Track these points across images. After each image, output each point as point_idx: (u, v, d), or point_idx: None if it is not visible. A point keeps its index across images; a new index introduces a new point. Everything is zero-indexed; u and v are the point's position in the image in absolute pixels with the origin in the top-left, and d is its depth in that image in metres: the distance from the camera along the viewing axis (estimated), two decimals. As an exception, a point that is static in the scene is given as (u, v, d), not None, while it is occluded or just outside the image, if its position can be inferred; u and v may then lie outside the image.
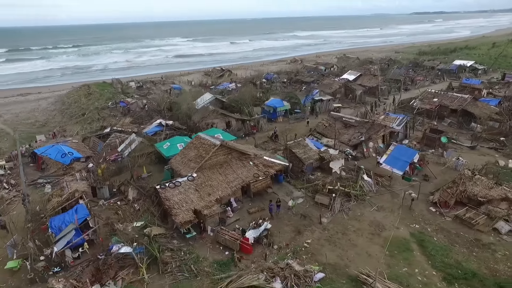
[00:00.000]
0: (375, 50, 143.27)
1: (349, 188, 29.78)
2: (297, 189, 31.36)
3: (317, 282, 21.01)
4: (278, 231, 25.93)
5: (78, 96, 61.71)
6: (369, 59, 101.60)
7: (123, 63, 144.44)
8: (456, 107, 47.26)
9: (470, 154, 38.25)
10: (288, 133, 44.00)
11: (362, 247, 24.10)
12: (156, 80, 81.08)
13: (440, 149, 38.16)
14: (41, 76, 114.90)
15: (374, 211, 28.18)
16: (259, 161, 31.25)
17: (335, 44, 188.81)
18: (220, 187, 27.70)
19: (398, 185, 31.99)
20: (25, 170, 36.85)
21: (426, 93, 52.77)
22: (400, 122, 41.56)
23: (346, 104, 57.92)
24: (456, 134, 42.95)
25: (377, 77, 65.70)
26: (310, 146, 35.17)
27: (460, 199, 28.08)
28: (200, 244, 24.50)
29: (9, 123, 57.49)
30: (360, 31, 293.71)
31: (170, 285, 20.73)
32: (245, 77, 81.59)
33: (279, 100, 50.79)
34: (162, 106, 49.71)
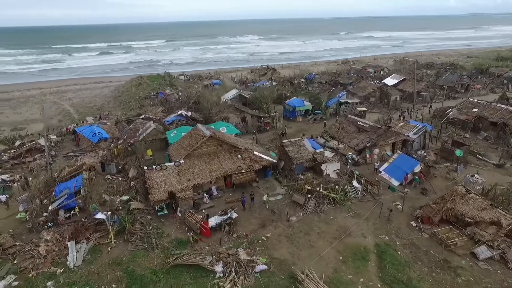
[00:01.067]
0: (446, 53, 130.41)
1: (329, 191, 29.47)
2: (281, 186, 32.03)
3: (257, 272, 21.97)
4: (244, 221, 27.27)
5: (130, 86, 69.64)
6: (430, 63, 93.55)
7: (189, 59, 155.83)
8: (497, 120, 41.97)
9: (495, 172, 34.18)
10: (301, 133, 44.44)
11: (318, 249, 24.11)
12: (204, 75, 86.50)
13: (455, 163, 34.82)
14: (119, 68, 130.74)
15: (349, 217, 27.58)
16: (248, 155, 32.66)
17: (408, 46, 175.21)
18: (201, 174, 29.94)
19: (388, 194, 30.50)
20: (66, 145, 44.22)
21: (466, 102, 47.65)
22: (417, 131, 38.75)
23: (377, 109, 55.23)
24: (485, 149, 38.45)
25: (419, 82, 60.84)
26: (306, 146, 35.27)
27: (447, 217, 25.89)
28: (170, 223, 27.10)
29: (74, 106, 67.84)
30: (450, 32, 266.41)
31: (129, 252, 23.69)
32: (286, 76, 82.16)
33: (300, 100, 50.85)
34: (192, 98, 53.70)
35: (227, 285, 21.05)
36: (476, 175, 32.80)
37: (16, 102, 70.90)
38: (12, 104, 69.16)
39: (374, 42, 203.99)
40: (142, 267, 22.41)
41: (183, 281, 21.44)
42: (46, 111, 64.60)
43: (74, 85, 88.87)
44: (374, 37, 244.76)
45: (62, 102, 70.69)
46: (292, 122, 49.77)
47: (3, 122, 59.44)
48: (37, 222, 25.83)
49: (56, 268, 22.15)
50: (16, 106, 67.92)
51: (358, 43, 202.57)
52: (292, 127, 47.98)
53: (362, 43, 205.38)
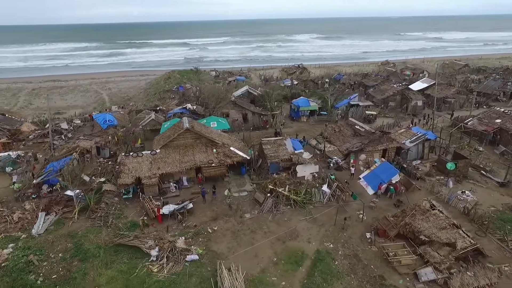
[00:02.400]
0: None
1: (291, 193, 28.93)
2: (251, 183, 32.19)
3: (187, 261, 22.80)
4: (200, 213, 28.15)
5: (160, 80, 74.31)
6: (483, 67, 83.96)
7: (236, 56, 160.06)
8: (519, 133, 36.80)
9: (495, 191, 30.27)
10: (300, 133, 43.75)
11: (257, 248, 24.02)
12: (235, 72, 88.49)
13: (446, 176, 31.57)
14: (170, 63, 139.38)
15: (304, 221, 26.88)
16: (223, 150, 33.37)
17: (475, 48, 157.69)
18: (172, 164, 31.43)
19: (359, 202, 28.89)
20: (84, 129, 49.16)
21: (490, 111, 42.31)
22: (415, 140, 35.73)
23: (394, 113, 51.59)
24: (492, 165, 34.03)
25: (450, 88, 55.24)
26: (286, 146, 34.78)
27: (403, 232, 23.90)
28: (134, 206, 29.07)
29: (110, 95, 74.67)
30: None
31: (85, 228, 26.12)
32: (315, 75, 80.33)
33: (306, 100, 49.65)
34: (203, 93, 55.63)
35: (154, 269, 22.26)
36: (468, 192, 29.52)
37: (66, 90, 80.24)
38: (62, 92, 78.44)
39: (441, 44, 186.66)
40: (90, 242, 24.63)
41: (119, 259, 23.12)
42: (87, 98, 72.35)
43: (122, 77, 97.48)
44: (444, 38, 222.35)
45: (102, 91, 78.19)
46: (296, 122, 49.03)
47: (49, 107, 67.86)
48: (23, 193, 29.64)
49: (22, 233, 25.41)
50: (64, 93, 76.91)
51: (418, 44, 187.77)
52: (293, 126, 47.32)
53: (425, 44, 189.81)
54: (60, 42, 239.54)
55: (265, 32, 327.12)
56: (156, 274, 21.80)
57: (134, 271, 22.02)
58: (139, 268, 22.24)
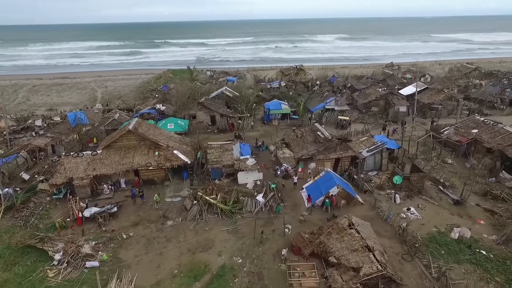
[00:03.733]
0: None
1: (218, 201, 27.57)
2: (188, 188, 31.13)
3: (87, 268, 22.14)
4: (124, 217, 27.46)
5: (152, 79, 74.77)
6: (495, 71, 77.87)
7: (248, 56, 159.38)
8: (493, 145, 33.19)
9: (447, 210, 27.38)
10: (264, 137, 42.17)
11: (164, 258, 22.98)
12: (231, 72, 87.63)
13: (396, 190, 28.94)
14: (179, 62, 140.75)
15: (225, 231, 25.48)
16: (165, 153, 32.54)
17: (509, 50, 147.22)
18: (109, 166, 30.95)
19: (294, 214, 27.12)
20: (60, 127, 49.99)
21: (469, 120, 38.64)
22: (373, 149, 33.19)
23: (374, 119, 48.58)
24: (451, 179, 30.85)
25: (440, 93, 51.32)
26: (233, 152, 33.41)
27: (317, 251, 21.94)
28: (64, 207, 28.85)
29: (104, 93, 76.04)
30: None
31: (6, 226, 26.15)
32: (312, 77, 77.81)
33: (277, 103, 47.76)
34: (186, 94, 55.20)
35: (51, 273, 21.76)
36: (413, 210, 26.89)
37: (65, 87, 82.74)
38: (61, 89, 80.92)
39: (469, 46, 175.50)
40: (3, 242, 24.55)
41: (23, 261, 22.84)
42: (82, 96, 74.08)
43: (125, 75, 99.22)
44: (473, 40, 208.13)
45: (98, 89, 79.89)
46: (267, 125, 47.34)
47: (44, 103, 70.19)
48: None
49: None
50: (62, 90, 79.29)
51: (446, 46, 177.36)
52: (260, 130, 45.70)
53: (454, 46, 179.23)
54: (87, 41, 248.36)
55: (288, 32, 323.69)
56: (50, 279, 21.29)
57: (30, 275, 21.64)
58: (36, 272, 21.83)
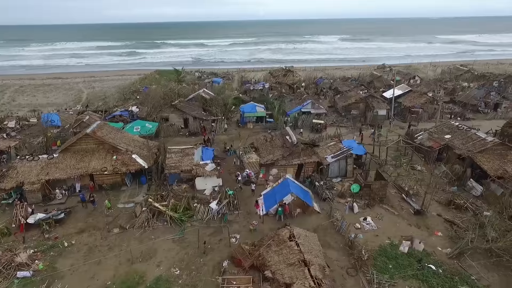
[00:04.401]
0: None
1: (167, 208, 26.65)
2: (144, 194, 30.27)
3: (18, 278, 21.37)
4: (72, 223, 26.68)
5: (137, 80, 74.17)
6: (487, 73, 76.02)
7: (244, 57, 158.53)
8: (463, 152, 31.83)
9: (405, 220, 26.19)
10: (226, 142, 41.19)
11: (101, 268, 22.14)
12: (220, 73, 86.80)
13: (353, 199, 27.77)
14: (173, 63, 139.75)
15: (171, 240, 24.57)
16: (123, 157, 31.72)
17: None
18: (63, 170, 30.21)
19: (241, 223, 26.11)
20: (36, 128, 49.37)
21: (443, 125, 37.28)
22: (338, 154, 32.03)
23: (351, 123, 47.30)
24: (416, 188, 29.56)
25: (422, 96, 49.91)
26: (194, 156, 32.50)
27: (257, 264, 20.91)
28: (12, 212, 28.12)
29: (90, 94, 75.53)
30: None
31: None
32: (301, 79, 76.60)
33: (252, 106, 46.73)
34: (161, 95, 54.39)
35: (-21, 284, 21.03)
36: (369, 220, 25.73)
37: (52, 88, 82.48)
38: (47, 89, 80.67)
39: (473, 47, 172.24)
40: None
41: (-43, 270, 22.12)
42: (67, 97, 73.78)
43: (115, 76, 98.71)
44: (479, 42, 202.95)
45: (85, 90, 79.50)
46: (242, 129, 46.32)
47: (29, 104, 69.85)
48: None
49: None
50: (48, 91, 78.99)
51: (445, 47, 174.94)
52: (233, 133, 44.71)
53: (452, 47, 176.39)
54: (89, 41, 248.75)
55: (292, 32, 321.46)
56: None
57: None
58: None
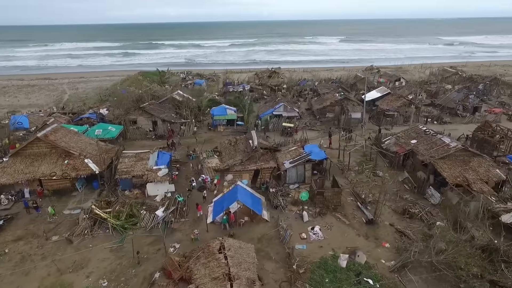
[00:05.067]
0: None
1: (110, 214, 25.76)
2: (93, 200, 29.42)
3: None
4: (12, 231, 25.87)
5: (118, 81, 73.51)
6: (476, 75, 74.58)
7: (237, 58, 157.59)
8: (425, 158, 30.69)
9: (355, 230, 25.15)
10: (189, 146, 40.21)
11: (28, 278, 21.31)
12: (207, 74, 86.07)
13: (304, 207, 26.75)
14: (166, 64, 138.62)
15: (107, 250, 23.67)
16: (75, 162, 30.91)
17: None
18: (10, 175, 29.42)
19: (185, 232, 25.19)
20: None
21: (411, 129, 36.13)
22: (297, 159, 31.02)
23: (325, 126, 46.24)
24: (372, 196, 28.47)
25: (399, 99, 48.76)
26: (149, 161, 31.62)
27: (186, 277, 19.97)
28: (-45, 218, 27.40)
29: (72, 95, 74.91)
30: None
31: None
32: (282, 80, 75.64)
33: (223, 108, 45.81)
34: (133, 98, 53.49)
35: None
36: (316, 229, 24.72)
37: (36, 88, 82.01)
38: (30, 90, 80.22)
39: (475, 49, 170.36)
40: None
41: None
42: (49, 98, 73.27)
43: (106, 77, 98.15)
44: (483, 43, 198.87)
45: (68, 91, 78.96)
46: (212, 132, 45.43)
47: (10, 105, 69.30)
48: None
49: None
50: (31, 92, 78.51)
51: (445, 48, 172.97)
52: (202, 137, 43.78)
53: (450, 48, 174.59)
54: (87, 42, 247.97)
55: (294, 33, 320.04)
56: None
57: None
58: None
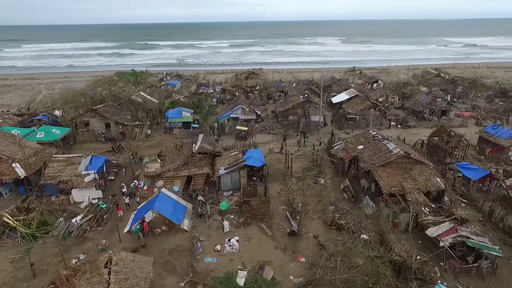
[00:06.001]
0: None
1: (20, 222, 24.54)
2: (16, 205, 28.23)
3: None
4: None
5: (92, 82, 72.64)
6: (457, 77, 72.52)
7: (229, 59, 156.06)
8: (365, 165, 29.11)
9: (272, 243, 23.67)
10: (135, 150, 38.82)
11: None
12: (186, 75, 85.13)
13: (229, 217, 25.34)
14: (156, 64, 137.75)
15: (9, 260, 22.42)
16: (2, 166, 29.80)
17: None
18: None
19: (96, 242, 23.89)
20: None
21: (360, 135, 34.53)
22: (233, 165, 29.61)
23: (284, 129, 44.74)
24: (300, 205, 26.94)
25: (364, 101, 47.14)
26: (80, 165, 30.39)
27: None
28: None
29: (47, 96, 74.05)
30: None
31: None
32: (263, 81, 74.24)
33: (178, 111, 44.46)
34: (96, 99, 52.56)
35: None
36: (233, 241, 23.35)
37: (13, 88, 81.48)
38: (5, 90, 79.68)
39: (477, 50, 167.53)
40: None
41: None
42: (23, 98, 72.59)
43: (90, 77, 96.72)
44: (489, 45, 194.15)
45: (44, 91, 78.32)
46: (167, 135, 44.13)
47: None
48: None
49: None
50: (6, 92, 77.90)
51: (444, 50, 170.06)
52: (154, 140, 42.53)
53: (451, 50, 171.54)
54: (85, 42, 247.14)
55: (294, 34, 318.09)
56: None
57: None
58: None
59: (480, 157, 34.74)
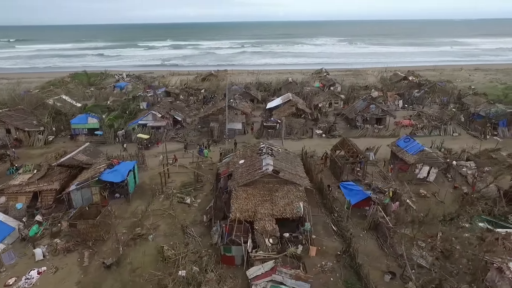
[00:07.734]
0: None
1: None
2: None
3: None
4: None
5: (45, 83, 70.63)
6: (424, 81, 67.46)
7: (220, 60, 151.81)
8: (231, 185, 25.26)
9: (80, 277, 20.24)
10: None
11: None
12: (147, 76, 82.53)
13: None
14: (139, 65, 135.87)
15: None
16: None
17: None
18: None
19: None
20: None
21: (251, 147, 30.62)
22: (84, 180, 26.27)
23: (201, 135, 41.13)
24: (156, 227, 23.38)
25: (292, 107, 43.10)
26: None
27: None
28: None
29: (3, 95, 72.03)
30: None
31: None
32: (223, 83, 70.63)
33: (84, 117, 41.34)
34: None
35: None
36: (34, 273, 19.96)
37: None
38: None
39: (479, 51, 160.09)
40: None
41: None
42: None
43: (46, 78, 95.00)
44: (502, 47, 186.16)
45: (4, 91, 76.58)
46: (72, 142, 41.08)
47: None
48: None
49: None
50: None
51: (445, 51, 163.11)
52: (51, 147, 39.51)
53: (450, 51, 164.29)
54: (87, 42, 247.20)
55: (296, 34, 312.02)
56: None
57: None
58: None
59: (388, 174, 30.41)
